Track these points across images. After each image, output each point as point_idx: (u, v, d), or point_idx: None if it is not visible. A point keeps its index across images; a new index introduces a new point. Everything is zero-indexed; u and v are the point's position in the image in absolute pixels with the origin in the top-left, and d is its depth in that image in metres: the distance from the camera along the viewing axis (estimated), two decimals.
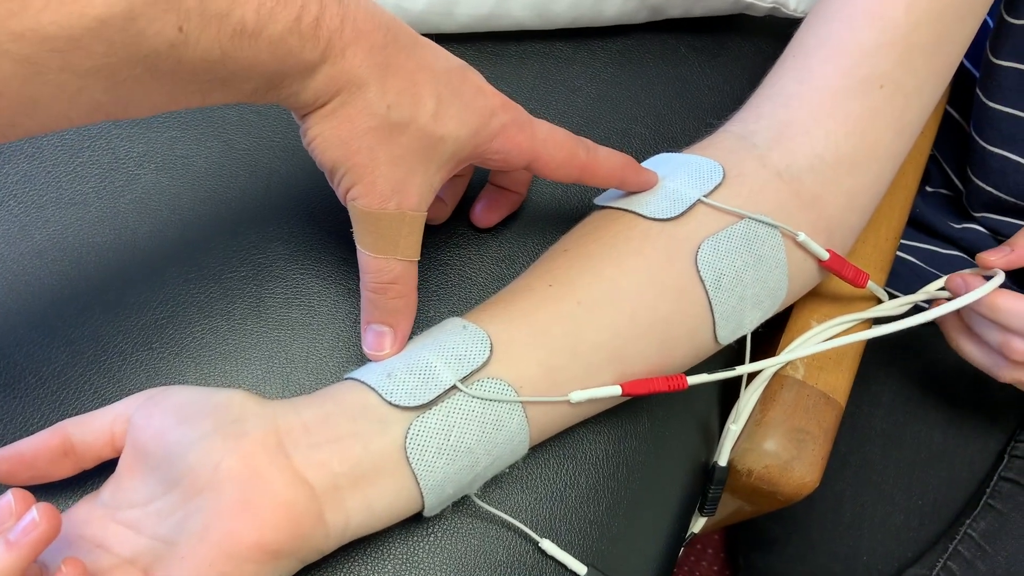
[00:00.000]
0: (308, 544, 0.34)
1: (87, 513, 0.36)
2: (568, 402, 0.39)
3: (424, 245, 0.48)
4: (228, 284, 0.46)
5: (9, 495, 0.31)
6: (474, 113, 0.37)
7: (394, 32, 0.34)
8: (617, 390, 0.40)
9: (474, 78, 0.38)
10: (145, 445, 0.35)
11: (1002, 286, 0.46)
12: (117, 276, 0.45)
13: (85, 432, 0.36)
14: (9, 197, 0.47)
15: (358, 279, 0.47)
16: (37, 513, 0.30)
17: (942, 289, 0.51)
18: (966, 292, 0.46)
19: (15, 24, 0.25)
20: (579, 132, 0.54)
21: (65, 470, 0.37)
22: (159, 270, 0.46)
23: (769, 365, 0.45)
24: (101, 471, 0.37)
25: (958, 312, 0.48)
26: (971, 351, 0.49)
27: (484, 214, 0.48)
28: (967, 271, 0.49)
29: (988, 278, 0.46)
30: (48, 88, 0.27)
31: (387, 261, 0.38)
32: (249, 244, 0.47)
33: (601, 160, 0.42)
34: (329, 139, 0.35)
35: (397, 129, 0.35)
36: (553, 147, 0.40)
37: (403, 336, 0.40)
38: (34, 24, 0.25)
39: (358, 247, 0.38)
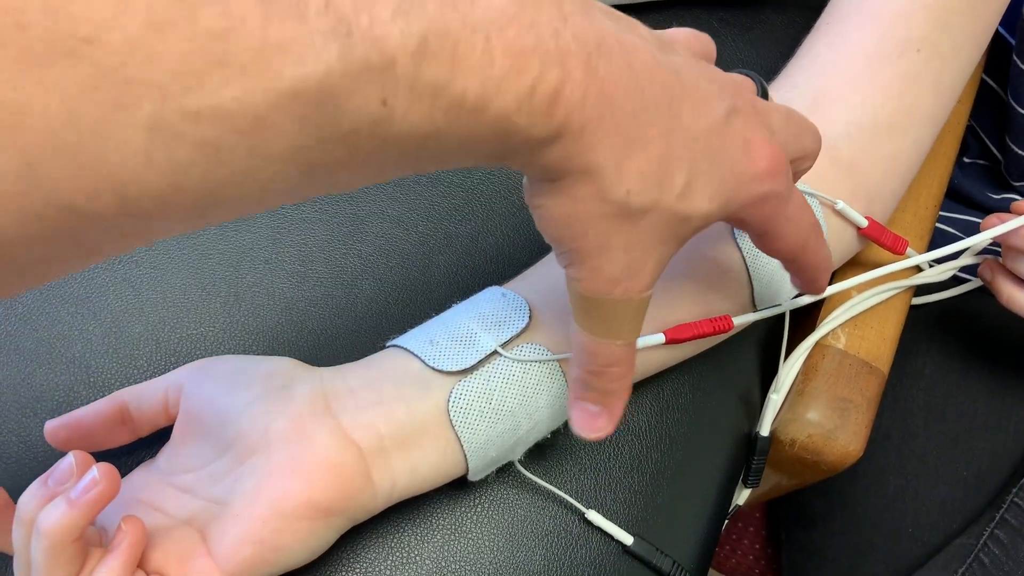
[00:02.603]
0: (356, 503, 0.35)
1: (144, 479, 0.37)
2: None
3: (466, 218, 0.49)
4: (273, 265, 0.47)
5: (70, 457, 0.32)
6: (731, 181, 0.30)
7: (649, 93, 0.27)
8: (660, 338, 0.40)
9: (742, 129, 0.30)
10: (198, 411, 0.36)
11: None
12: (163, 258, 0.46)
13: (140, 400, 0.37)
14: None
15: (398, 258, 0.48)
16: (97, 472, 0.31)
17: (982, 253, 0.51)
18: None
19: (191, 102, 0.20)
20: None
21: (122, 438, 0.38)
22: (205, 253, 0.47)
23: (815, 299, 0.44)
24: (157, 440, 0.38)
25: (1006, 268, 0.48)
26: (1022, 299, 0.48)
27: None
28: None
29: None
30: (236, 176, 0.22)
31: (607, 345, 0.33)
32: (291, 225, 0.48)
33: (822, 257, 0.37)
34: (554, 216, 0.29)
35: (636, 215, 0.29)
36: (791, 232, 0.34)
37: (618, 417, 0.36)
38: (213, 101, 0.20)
39: (574, 323, 0.33)
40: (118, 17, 0.18)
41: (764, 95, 0.36)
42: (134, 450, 0.39)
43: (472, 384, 0.37)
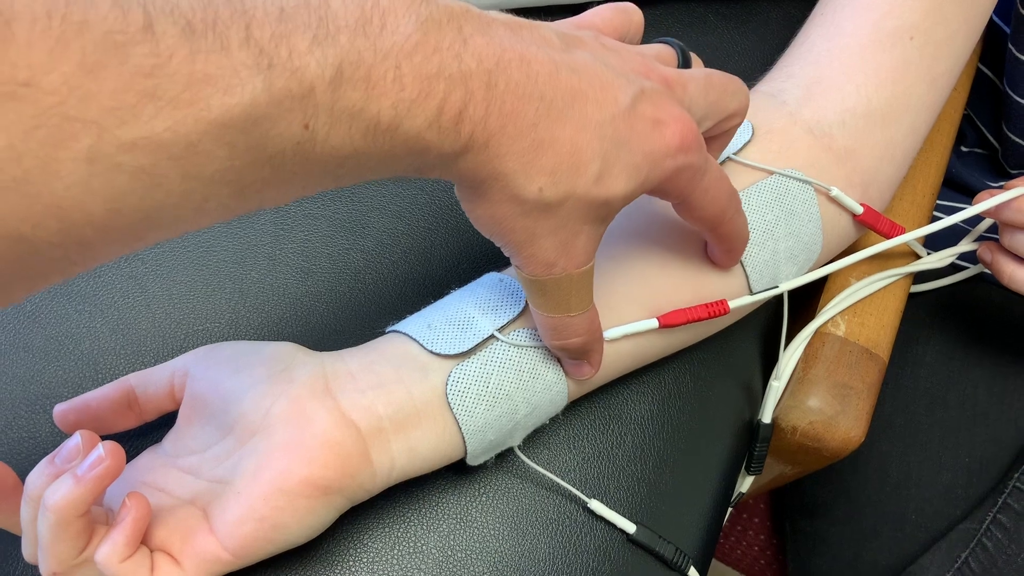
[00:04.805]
0: (355, 482, 0.35)
1: (149, 462, 0.38)
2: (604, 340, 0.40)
3: (462, 213, 0.49)
4: (277, 262, 0.47)
5: (77, 436, 0.33)
6: (645, 159, 0.32)
7: (548, 99, 0.29)
8: (653, 323, 0.40)
9: (651, 110, 0.32)
10: (203, 395, 0.37)
11: None
12: (169, 255, 0.47)
13: (147, 385, 0.38)
14: None
15: (400, 252, 0.48)
16: (103, 450, 0.32)
17: (978, 240, 0.51)
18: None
19: (126, 133, 0.21)
20: None
21: (129, 422, 0.39)
22: (210, 251, 0.47)
23: (808, 280, 0.45)
24: (163, 425, 0.39)
25: (1004, 247, 0.48)
26: (1022, 276, 0.48)
27: None
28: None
29: None
30: (171, 199, 0.23)
31: (562, 319, 0.36)
32: (294, 222, 0.49)
33: (738, 228, 0.39)
34: (480, 217, 0.32)
35: (553, 206, 0.31)
36: (709, 201, 0.36)
37: (598, 362, 0.39)
38: (147, 132, 0.22)
39: (530, 305, 0.36)
40: (54, 61, 0.20)
41: (685, 62, 0.37)
42: (141, 435, 0.40)
43: (470, 368, 0.37)
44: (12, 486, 0.35)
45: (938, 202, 0.67)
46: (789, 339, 0.49)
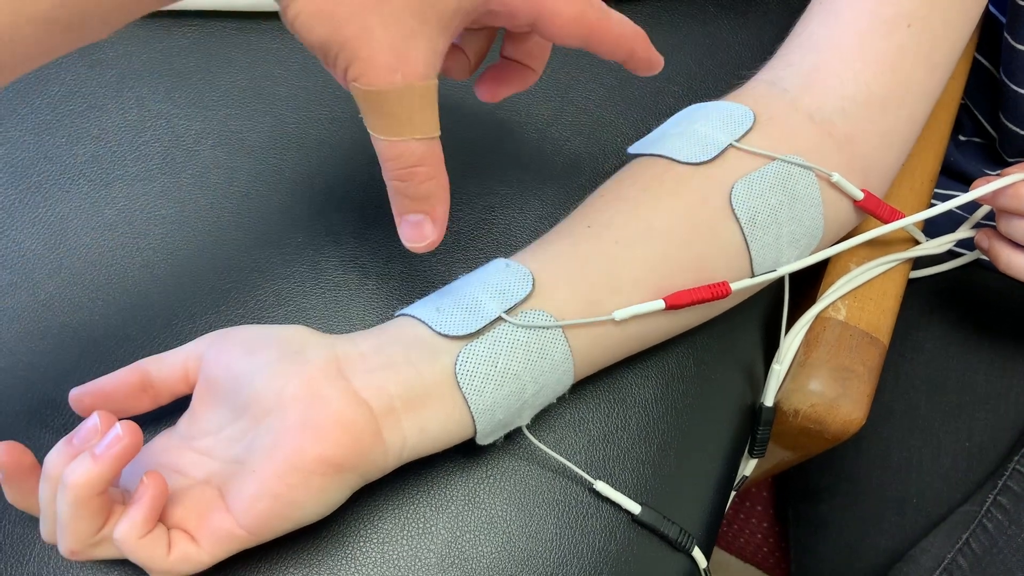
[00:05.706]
0: (368, 460, 0.36)
1: (165, 444, 0.38)
2: (612, 322, 0.41)
3: (469, 203, 0.51)
4: (286, 250, 0.48)
5: (95, 416, 0.34)
6: None
7: None
8: (660, 304, 0.41)
9: None
10: (216, 377, 0.37)
11: None
12: (182, 245, 0.48)
13: (162, 368, 0.38)
14: (79, 176, 0.50)
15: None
16: (120, 429, 0.32)
17: (975, 227, 0.52)
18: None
19: None
20: (613, 93, 0.56)
21: (143, 405, 0.39)
22: (220, 240, 0.48)
23: (808, 263, 0.46)
24: (177, 409, 0.40)
25: (1001, 235, 0.49)
26: (1020, 262, 0.49)
27: (487, 86, 0.41)
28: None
29: None
30: None
31: (406, 143, 0.34)
32: (303, 213, 0.50)
33: (613, 24, 0.37)
34: (311, 15, 0.30)
35: None
36: (562, 2, 0.35)
37: (442, 220, 0.37)
38: None
39: (371, 133, 0.34)
40: None
41: None
42: (156, 419, 0.41)
43: (478, 348, 0.38)
44: (30, 466, 0.36)
45: (937, 190, 0.67)
46: (790, 324, 0.49)
